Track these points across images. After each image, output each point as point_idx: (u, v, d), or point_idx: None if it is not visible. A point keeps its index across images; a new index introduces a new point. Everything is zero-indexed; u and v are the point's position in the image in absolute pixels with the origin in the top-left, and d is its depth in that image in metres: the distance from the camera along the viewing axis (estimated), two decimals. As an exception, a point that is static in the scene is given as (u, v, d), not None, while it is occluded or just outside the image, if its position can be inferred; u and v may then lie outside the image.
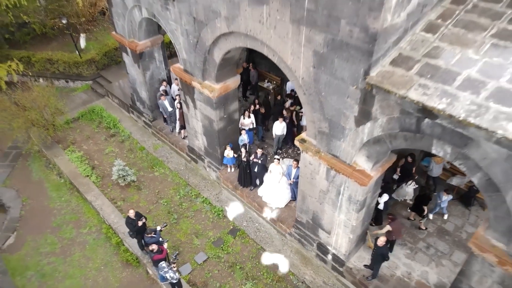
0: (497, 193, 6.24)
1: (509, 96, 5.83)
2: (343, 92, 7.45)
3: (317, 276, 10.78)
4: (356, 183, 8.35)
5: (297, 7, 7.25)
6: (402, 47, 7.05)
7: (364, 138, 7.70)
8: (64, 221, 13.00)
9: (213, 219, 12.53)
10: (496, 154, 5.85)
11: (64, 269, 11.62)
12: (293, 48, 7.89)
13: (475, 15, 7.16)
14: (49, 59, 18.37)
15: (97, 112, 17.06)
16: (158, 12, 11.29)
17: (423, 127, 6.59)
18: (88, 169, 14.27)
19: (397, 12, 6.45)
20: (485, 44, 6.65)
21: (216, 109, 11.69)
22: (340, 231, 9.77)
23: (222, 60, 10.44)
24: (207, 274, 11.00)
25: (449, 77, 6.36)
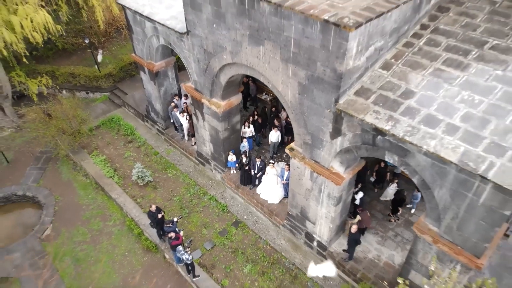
0: (428, 190, 8.58)
1: (434, 121, 8.18)
2: (321, 113, 9.80)
3: (305, 259, 13.13)
4: (332, 183, 10.69)
5: (286, 50, 9.60)
6: (364, 81, 9.40)
7: (337, 149, 10.05)
8: (92, 215, 15.35)
9: (218, 213, 14.88)
10: (425, 162, 8.19)
11: (95, 254, 13.95)
12: (283, 79, 10.25)
13: (419, 57, 9.52)
14: (71, 73, 20.70)
15: (115, 121, 19.42)
16: (174, 42, 13.65)
17: (377, 141, 8.94)
18: (111, 171, 16.62)
19: (358, 57, 8.80)
20: (423, 80, 9.01)
21: (222, 121, 14.05)
22: (323, 222, 12.12)
23: (227, 82, 12.80)
24: (215, 258, 13.34)
25: (395, 105, 8.72)
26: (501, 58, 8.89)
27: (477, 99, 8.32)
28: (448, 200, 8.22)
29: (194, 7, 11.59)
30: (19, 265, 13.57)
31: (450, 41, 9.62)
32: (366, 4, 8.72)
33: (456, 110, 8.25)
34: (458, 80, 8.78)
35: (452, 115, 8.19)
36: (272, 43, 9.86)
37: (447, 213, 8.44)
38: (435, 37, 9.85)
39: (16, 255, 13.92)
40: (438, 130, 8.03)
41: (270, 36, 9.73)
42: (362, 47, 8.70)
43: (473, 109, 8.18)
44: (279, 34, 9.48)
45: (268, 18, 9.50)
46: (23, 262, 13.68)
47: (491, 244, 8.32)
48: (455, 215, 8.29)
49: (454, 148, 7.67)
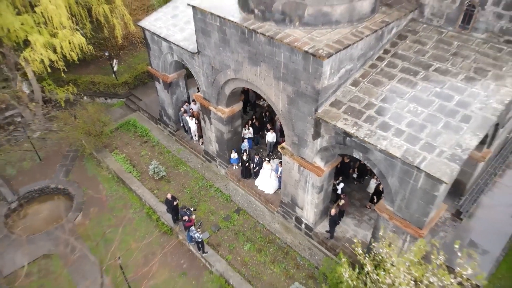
0: (384, 179, 11.34)
1: (387, 126, 10.94)
2: (305, 120, 12.55)
3: (295, 239, 15.88)
4: (315, 174, 13.45)
5: (277, 71, 12.37)
6: (337, 95, 12.17)
7: (318, 147, 12.81)
8: (115, 204, 18.10)
9: (223, 202, 17.62)
10: (380, 157, 10.95)
11: (120, 236, 16.54)
12: (275, 92, 13.01)
13: (380, 76, 12.29)
14: (92, 81, 23.44)
15: (132, 124, 22.17)
16: (186, 59, 16.42)
17: (346, 141, 11.70)
18: (130, 167, 19.38)
19: (331, 77, 11.57)
20: (382, 94, 11.78)
21: (226, 125, 16.81)
22: (309, 207, 14.88)
23: (230, 93, 15.56)
24: (220, 238, 16.09)
25: (360, 114, 11.48)
26: (440, 78, 11.67)
27: (420, 110, 11.09)
28: (398, 185, 10.98)
29: (204, 33, 14.35)
30: (58, 244, 16.31)
31: (404, 64, 12.40)
32: (337, 38, 11.49)
33: (404, 118, 11.02)
34: (408, 95, 11.55)
35: (400, 122, 10.96)
36: (266, 65, 12.63)
37: (397, 196, 11.21)
38: (394, 60, 12.63)
39: (54, 236, 16.67)
40: (389, 133, 10.80)
41: (265, 59, 12.50)
42: (334, 70, 11.47)
43: (415, 117, 10.94)
44: (271, 58, 12.25)
45: (263, 46, 12.26)
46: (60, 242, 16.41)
47: (430, 219, 11.08)
48: (403, 196, 11.05)
49: (399, 147, 10.44)
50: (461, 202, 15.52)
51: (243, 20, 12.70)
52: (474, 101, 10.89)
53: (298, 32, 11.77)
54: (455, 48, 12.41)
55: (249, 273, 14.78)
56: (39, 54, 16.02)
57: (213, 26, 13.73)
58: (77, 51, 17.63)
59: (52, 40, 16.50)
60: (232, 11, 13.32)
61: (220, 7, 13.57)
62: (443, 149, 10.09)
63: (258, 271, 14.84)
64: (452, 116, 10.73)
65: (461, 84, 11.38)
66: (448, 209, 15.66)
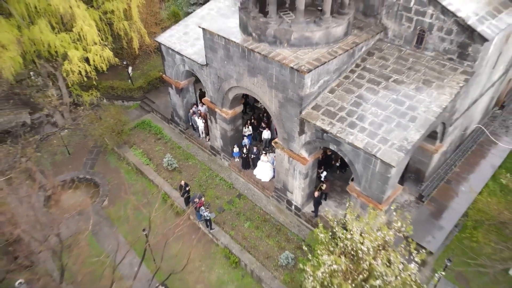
0: (353, 165, 14.67)
1: (354, 125, 14.27)
2: (292, 120, 15.88)
3: (286, 218, 19.21)
4: (301, 164, 16.78)
5: (270, 81, 15.71)
6: (317, 100, 15.51)
7: (303, 142, 16.14)
8: (136, 191, 21.43)
9: (226, 189, 20.94)
10: (349, 149, 14.29)
11: (141, 216, 19.99)
12: (269, 98, 16.34)
13: (352, 85, 15.63)
14: (111, 86, 26.77)
15: (146, 123, 25.52)
16: (196, 69, 19.77)
17: (324, 137, 15.04)
18: (147, 160, 22.71)
19: (312, 87, 14.91)
20: (352, 100, 15.12)
21: (229, 124, 20.14)
22: (297, 191, 18.21)
23: (233, 98, 18.90)
24: (224, 218, 19.41)
25: (334, 115, 14.82)
26: (396, 87, 15.02)
27: (379, 112, 14.44)
28: (362, 170, 14.33)
29: (212, 50, 17.71)
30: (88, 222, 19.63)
31: (371, 76, 15.75)
32: (316, 56, 14.84)
33: (367, 119, 14.37)
34: (371, 100, 14.89)
35: (364, 122, 14.30)
36: (262, 76, 15.98)
37: (362, 178, 14.55)
38: (363, 73, 15.97)
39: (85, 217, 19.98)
40: (355, 130, 14.15)
41: (261, 72, 15.85)
42: (314, 81, 14.82)
43: (376, 118, 14.29)
44: (266, 71, 15.60)
45: (259, 62, 15.61)
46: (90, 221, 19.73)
47: (387, 196, 14.42)
48: (366, 178, 14.40)
49: (362, 140, 13.79)
50: (423, 187, 18.87)
51: (243, 41, 16.05)
52: (420, 105, 14.25)
53: (286, 52, 15.12)
54: (410, 63, 15.76)
55: (248, 245, 18.12)
56: (77, 66, 19.37)
57: (219, 45, 17.08)
58: (106, 62, 20.95)
59: (86, 54, 19.84)
60: (234, 33, 16.67)
61: (225, 30, 16.92)
62: (394, 142, 13.44)
63: (256, 244, 18.19)
64: (403, 117, 14.08)
65: (412, 92, 14.73)
66: (413, 193, 19.11)
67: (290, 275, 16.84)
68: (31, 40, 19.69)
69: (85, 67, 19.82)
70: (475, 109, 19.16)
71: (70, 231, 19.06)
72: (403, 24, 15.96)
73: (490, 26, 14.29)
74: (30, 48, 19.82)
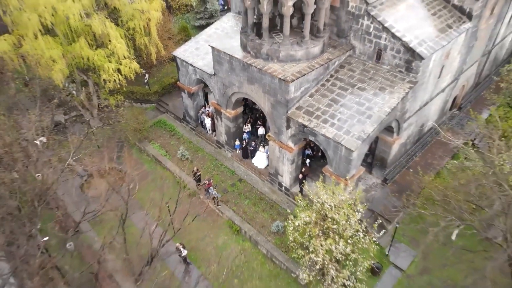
0: (327, 152, 19.47)
1: (327, 121, 19.11)
2: (281, 118, 20.70)
3: (278, 197, 23.98)
4: (288, 152, 21.58)
5: (264, 88, 20.55)
6: (300, 103, 20.34)
7: (289, 134, 20.95)
8: (155, 177, 26.19)
9: (229, 175, 25.70)
10: (323, 139, 19.10)
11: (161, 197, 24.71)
12: (263, 101, 21.17)
13: (326, 91, 20.48)
14: (131, 91, 31.57)
15: (162, 122, 30.34)
16: (206, 78, 24.62)
17: (304, 130, 19.85)
18: (164, 152, 27.50)
19: (296, 92, 19.74)
20: (326, 102, 19.95)
21: (232, 122, 24.96)
22: (286, 175, 23.00)
23: (235, 101, 23.73)
24: (228, 197, 24.17)
25: (312, 114, 19.65)
26: (360, 93, 19.85)
27: (345, 111, 19.26)
28: (333, 155, 19.13)
29: (219, 63, 22.54)
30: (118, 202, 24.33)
31: (341, 84, 20.58)
32: (299, 69, 19.67)
33: (336, 116, 19.18)
34: (340, 102, 19.72)
35: (334, 119, 19.11)
36: (258, 84, 20.80)
37: (333, 161, 19.35)
38: (335, 81, 20.81)
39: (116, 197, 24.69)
40: (327, 125, 18.97)
41: (257, 81, 20.68)
42: (297, 88, 19.65)
43: (343, 116, 19.11)
44: (261, 80, 20.42)
45: (256, 73, 20.44)
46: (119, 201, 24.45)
47: (351, 174, 19.20)
48: (336, 161, 19.20)
49: (332, 132, 18.60)
50: (386, 172, 23.67)
51: (243, 57, 20.89)
52: (375, 106, 19.07)
53: (276, 66, 19.95)
54: (371, 74, 20.60)
55: (247, 217, 22.89)
56: (112, 76, 24.20)
57: (224, 59, 21.93)
58: (133, 72, 25.78)
59: (118, 66, 24.66)
60: (237, 50, 21.51)
61: (229, 48, 21.77)
62: (354, 133, 18.26)
63: (253, 216, 22.96)
64: (362, 115, 18.90)
65: (370, 97, 19.55)
66: (379, 177, 23.90)
67: (280, 239, 21.60)
68: (73, 55, 24.52)
69: (118, 76, 24.67)
70: (428, 109, 23.97)
71: (104, 208, 23.78)
72: (366, 44, 20.82)
73: (427, 48, 19.14)
74: (71, 61, 24.64)
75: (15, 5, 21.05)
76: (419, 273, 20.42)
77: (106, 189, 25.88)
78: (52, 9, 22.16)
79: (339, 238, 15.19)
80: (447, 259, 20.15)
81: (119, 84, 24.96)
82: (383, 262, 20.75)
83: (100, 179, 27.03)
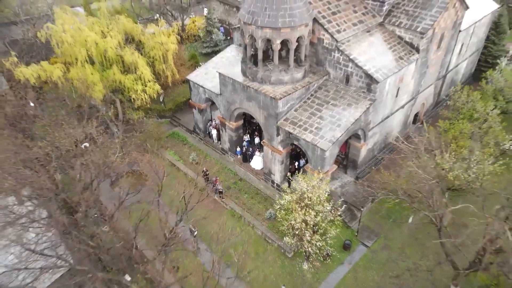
0: (307, 152, 25.43)
1: (307, 129, 25.16)
2: (272, 127, 26.76)
3: (270, 192, 29.74)
4: (278, 154, 27.53)
5: (259, 104, 26.70)
6: (287, 115, 26.46)
7: (279, 140, 26.96)
8: (172, 177, 31.89)
9: (232, 176, 31.54)
10: (304, 142, 25.10)
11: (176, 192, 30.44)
12: (258, 114, 27.30)
13: (307, 107, 26.64)
14: (149, 108, 37.74)
15: (175, 134, 36.41)
16: (213, 97, 30.86)
17: (290, 136, 25.87)
18: (178, 157, 33.43)
19: (283, 107, 25.89)
20: (307, 115, 26.07)
21: (234, 132, 31.03)
22: (277, 173, 28.87)
23: (237, 115, 29.87)
24: (231, 192, 29.91)
25: (295, 124, 25.72)
26: (333, 108, 25.99)
27: (321, 122, 25.34)
28: (311, 155, 25.09)
29: (224, 85, 28.80)
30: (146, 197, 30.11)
31: (319, 101, 26.76)
32: (285, 90, 25.87)
33: (314, 125, 25.23)
34: (317, 115, 25.82)
35: (312, 127, 25.17)
36: (254, 101, 26.98)
37: (312, 160, 25.29)
38: (314, 99, 26.98)
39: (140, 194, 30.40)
40: (307, 132, 25.01)
41: (254, 99, 26.87)
42: (284, 104, 25.81)
43: (319, 125, 25.18)
44: (257, 98, 26.60)
45: (253, 93, 26.65)
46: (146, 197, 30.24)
47: (325, 170, 25.10)
48: (314, 160, 25.12)
49: (310, 137, 24.62)
50: (358, 172, 29.55)
51: (243, 80, 27.13)
52: (344, 118, 25.15)
53: (268, 87, 26.14)
54: (342, 94, 26.80)
55: (246, 207, 28.62)
56: (140, 96, 30.46)
57: (228, 82, 28.18)
58: (155, 93, 32.05)
59: (145, 88, 30.95)
60: (238, 75, 27.77)
61: (232, 73, 28.04)
62: (327, 138, 24.28)
63: (251, 207, 28.69)
64: (333, 124, 24.96)
65: (340, 111, 25.66)
66: (352, 176, 29.78)
67: (272, 223, 27.27)
68: (107, 79, 30.84)
69: (144, 95, 30.91)
70: (391, 122, 30.07)
71: (131, 202, 29.59)
72: (338, 71, 27.12)
73: (382, 74, 25.40)
74: (106, 84, 30.95)
75: (69, 41, 27.48)
76: (380, 249, 26.04)
77: (134, 186, 31.73)
78: (95, 43, 28.61)
79: (311, 210, 20.97)
80: (403, 238, 25.88)
81: (145, 102, 31.16)
82: (353, 240, 26.39)
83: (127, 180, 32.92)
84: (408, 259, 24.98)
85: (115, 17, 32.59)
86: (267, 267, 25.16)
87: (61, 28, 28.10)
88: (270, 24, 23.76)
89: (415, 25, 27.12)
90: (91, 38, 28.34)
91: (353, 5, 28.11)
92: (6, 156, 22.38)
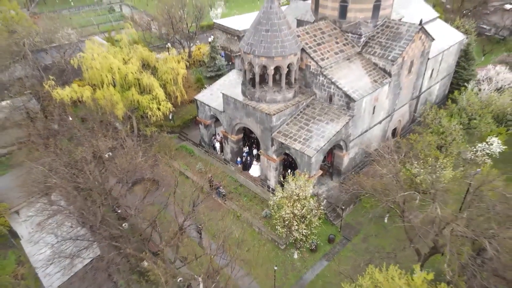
0: (297, 159, 30.26)
1: (296, 139, 30.10)
2: (268, 138, 31.69)
3: (266, 195, 34.31)
4: (273, 162, 32.35)
5: (256, 119, 31.76)
6: (280, 129, 31.46)
7: (273, 149, 31.84)
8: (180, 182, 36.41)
9: (233, 182, 36.21)
10: (294, 151, 29.98)
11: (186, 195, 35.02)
12: (256, 128, 32.31)
13: (297, 121, 31.68)
14: (160, 125, 42.80)
15: (183, 147, 41.34)
16: (218, 114, 35.97)
17: (282, 146, 30.78)
18: (186, 166, 38.23)
19: (277, 121, 30.92)
20: (297, 128, 31.07)
21: (235, 144, 35.95)
22: (272, 179, 33.58)
23: (237, 129, 34.87)
24: (232, 196, 34.55)
25: (287, 136, 30.69)
26: (318, 123, 31.01)
27: (308, 134, 30.31)
28: (300, 161, 29.92)
29: (227, 103, 33.94)
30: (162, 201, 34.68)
31: (306, 117, 31.80)
32: (279, 107, 30.98)
33: (302, 137, 30.19)
34: (305, 129, 30.80)
35: (301, 138, 30.12)
36: (253, 117, 32.03)
37: (301, 165, 30.09)
38: (303, 115, 32.04)
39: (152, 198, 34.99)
40: (297, 142, 29.94)
41: (252, 115, 31.94)
42: (277, 119, 30.86)
43: (306, 137, 30.13)
44: (254, 114, 31.67)
45: (251, 110, 31.74)
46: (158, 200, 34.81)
47: (313, 174, 29.87)
48: (303, 165, 29.93)
49: (299, 146, 29.54)
50: (342, 178, 34.28)
51: (243, 99, 32.27)
52: (327, 131, 30.13)
53: (264, 105, 31.24)
54: (326, 111, 31.87)
55: (245, 208, 33.21)
56: (155, 113, 35.60)
57: (231, 101, 33.32)
58: (168, 111, 37.20)
59: (159, 106, 36.15)
60: (239, 95, 32.94)
61: (233, 94, 33.22)
62: (312, 147, 29.19)
63: (249, 207, 33.29)
64: (318, 136, 29.90)
65: (325, 125, 30.66)
66: (337, 181, 34.52)
67: (267, 221, 31.82)
68: (126, 99, 36.03)
69: (158, 113, 36.06)
70: (370, 135, 35.03)
71: (146, 204, 34.23)
72: (323, 92, 32.32)
73: (358, 94, 30.55)
74: (126, 103, 36.12)
75: (98, 67, 32.83)
76: (360, 242, 30.48)
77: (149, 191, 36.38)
78: (118, 69, 33.97)
79: (298, 204, 25.65)
80: (380, 234, 30.40)
81: (159, 118, 36.30)
82: (337, 235, 30.87)
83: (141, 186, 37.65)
84: (383, 249, 29.40)
85: (134, 46, 38.16)
86: (262, 256, 29.57)
87: (91, 56, 33.52)
88: (265, 53, 29.10)
89: (387, 54, 32.51)
90: (115, 65, 33.69)
91: (336, 37, 33.63)
92: (52, 159, 27.24)
